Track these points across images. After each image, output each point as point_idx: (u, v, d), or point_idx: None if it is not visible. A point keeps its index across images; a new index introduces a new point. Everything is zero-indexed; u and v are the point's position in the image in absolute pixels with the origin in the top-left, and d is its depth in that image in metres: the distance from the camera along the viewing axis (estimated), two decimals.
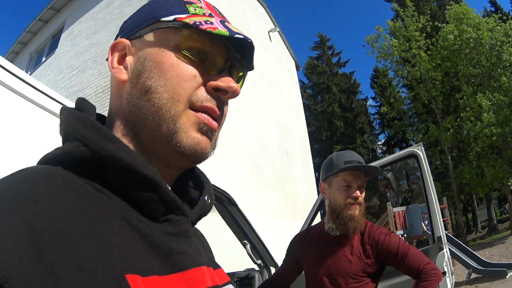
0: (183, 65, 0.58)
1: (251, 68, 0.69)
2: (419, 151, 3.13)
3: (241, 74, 0.68)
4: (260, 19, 16.45)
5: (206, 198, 0.67)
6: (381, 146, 40.25)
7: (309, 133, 21.64)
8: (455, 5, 21.68)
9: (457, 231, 26.14)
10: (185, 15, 0.59)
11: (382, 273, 1.90)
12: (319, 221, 2.20)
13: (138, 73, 0.59)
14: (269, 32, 17.02)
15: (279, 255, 2.84)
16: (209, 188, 0.70)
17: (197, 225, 0.68)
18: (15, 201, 0.41)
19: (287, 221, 12.80)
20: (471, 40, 19.82)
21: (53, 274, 0.37)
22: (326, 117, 38.31)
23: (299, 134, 18.36)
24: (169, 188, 0.56)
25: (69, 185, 0.47)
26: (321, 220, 2.11)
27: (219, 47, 0.61)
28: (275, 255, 3.25)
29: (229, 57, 0.62)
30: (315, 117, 38.77)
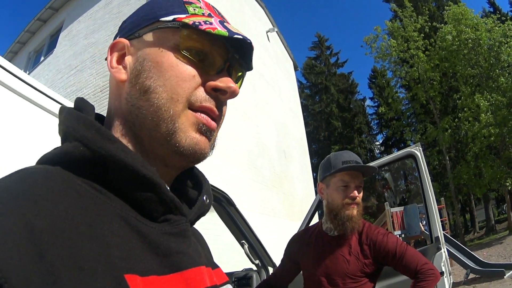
0: (182, 65, 0.58)
1: (250, 68, 0.69)
2: (417, 152, 3.14)
3: (240, 74, 0.68)
4: (258, 19, 16.43)
5: (204, 198, 0.67)
6: (379, 146, 40.36)
7: (307, 133, 21.65)
8: (454, 5, 21.75)
9: (455, 231, 26.18)
10: (185, 15, 0.59)
11: (380, 273, 1.90)
12: (317, 221, 2.20)
13: (137, 73, 0.59)
14: (267, 32, 16.99)
15: (277, 255, 2.83)
16: (207, 188, 0.70)
17: (196, 225, 0.68)
18: (15, 201, 0.41)
19: (285, 221, 12.80)
20: (470, 40, 19.89)
21: (53, 274, 0.37)
22: (324, 117, 38.33)
23: (297, 134, 18.35)
24: (168, 188, 0.56)
25: (68, 185, 0.47)
26: (319, 220, 2.11)
27: (218, 47, 0.61)
28: (273, 255, 3.25)
29: (228, 57, 0.62)
30: (313, 117, 38.79)
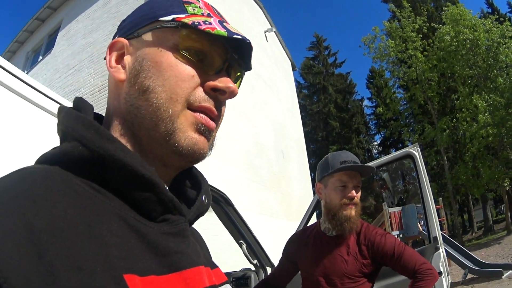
0: (181, 65, 0.58)
1: (249, 68, 0.69)
2: (415, 152, 3.14)
3: (239, 74, 0.68)
4: (257, 19, 16.43)
5: (203, 198, 0.67)
6: (377, 146, 40.35)
7: (305, 133, 21.65)
8: (452, 6, 21.77)
9: (453, 231, 26.19)
10: (184, 15, 0.59)
11: (378, 273, 1.91)
12: (315, 221, 2.20)
13: (136, 72, 0.59)
14: (265, 32, 16.98)
15: (275, 255, 2.84)
16: (206, 188, 0.70)
17: (194, 224, 0.68)
18: (14, 200, 0.41)
19: (283, 221, 12.81)
20: (468, 41, 19.91)
21: (52, 274, 0.37)
22: (322, 118, 38.35)
23: (295, 134, 18.35)
24: (167, 188, 0.56)
25: (67, 185, 0.47)
26: (317, 220, 2.11)
27: (218, 47, 0.61)
28: (271, 255, 3.25)
29: (227, 57, 0.62)
30: (311, 118, 38.81)
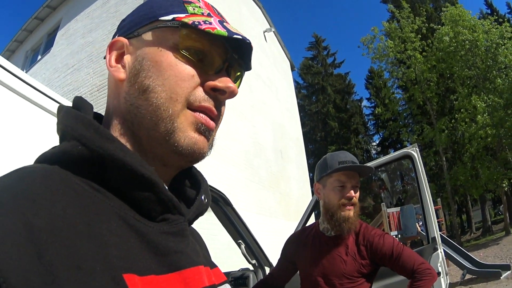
0: (181, 65, 0.58)
1: (249, 68, 0.69)
2: (413, 152, 3.14)
3: (239, 74, 0.68)
4: (256, 19, 16.43)
5: (203, 197, 0.67)
6: (375, 147, 40.40)
7: (304, 133, 21.67)
8: (451, 7, 21.80)
9: (452, 232, 26.22)
10: (184, 15, 0.59)
11: (376, 273, 1.91)
12: (313, 221, 2.20)
13: (136, 72, 0.59)
14: (264, 32, 16.99)
15: (273, 255, 2.84)
16: (206, 187, 0.70)
17: (193, 224, 0.68)
18: (14, 200, 0.41)
19: (281, 221, 12.82)
20: (467, 42, 19.93)
21: (52, 273, 0.37)
22: (320, 118, 38.37)
23: (294, 134, 18.36)
24: (166, 187, 0.56)
25: (66, 184, 0.47)
26: (316, 220, 2.11)
27: (218, 47, 0.61)
28: (269, 255, 3.25)
29: (227, 57, 0.62)
30: (310, 118, 38.83)
